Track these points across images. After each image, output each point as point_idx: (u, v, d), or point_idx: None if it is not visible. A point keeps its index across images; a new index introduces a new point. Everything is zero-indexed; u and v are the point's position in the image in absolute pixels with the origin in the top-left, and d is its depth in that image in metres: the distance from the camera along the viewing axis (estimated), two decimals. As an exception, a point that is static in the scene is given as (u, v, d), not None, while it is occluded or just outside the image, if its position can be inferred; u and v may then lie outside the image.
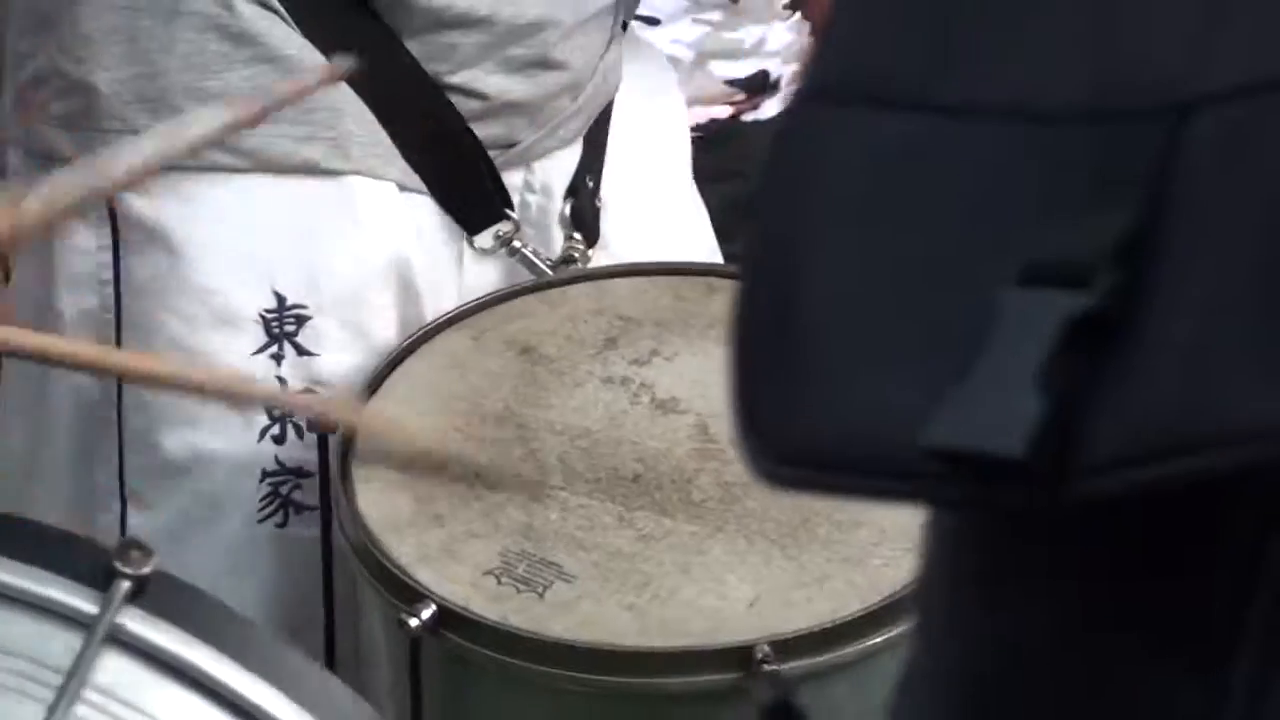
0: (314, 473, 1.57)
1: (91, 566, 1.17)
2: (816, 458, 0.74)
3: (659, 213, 1.78)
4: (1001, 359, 0.69)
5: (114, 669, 1.16)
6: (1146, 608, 0.75)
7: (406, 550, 1.43)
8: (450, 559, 1.43)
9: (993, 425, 0.68)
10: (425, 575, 1.40)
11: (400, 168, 1.61)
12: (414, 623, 1.37)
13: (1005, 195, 0.73)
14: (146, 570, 1.14)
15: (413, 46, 1.58)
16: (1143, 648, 0.75)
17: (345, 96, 1.58)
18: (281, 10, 1.56)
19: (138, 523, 1.63)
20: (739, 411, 0.76)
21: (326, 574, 1.57)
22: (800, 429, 0.75)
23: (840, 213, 0.77)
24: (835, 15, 0.82)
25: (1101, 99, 0.72)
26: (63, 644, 1.16)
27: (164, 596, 1.17)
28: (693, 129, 2.09)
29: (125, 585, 1.14)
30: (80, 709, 1.14)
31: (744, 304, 0.77)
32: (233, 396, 1.59)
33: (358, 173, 1.60)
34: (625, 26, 1.78)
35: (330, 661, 1.58)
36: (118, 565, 1.14)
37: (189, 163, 1.55)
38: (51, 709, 1.12)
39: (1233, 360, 0.67)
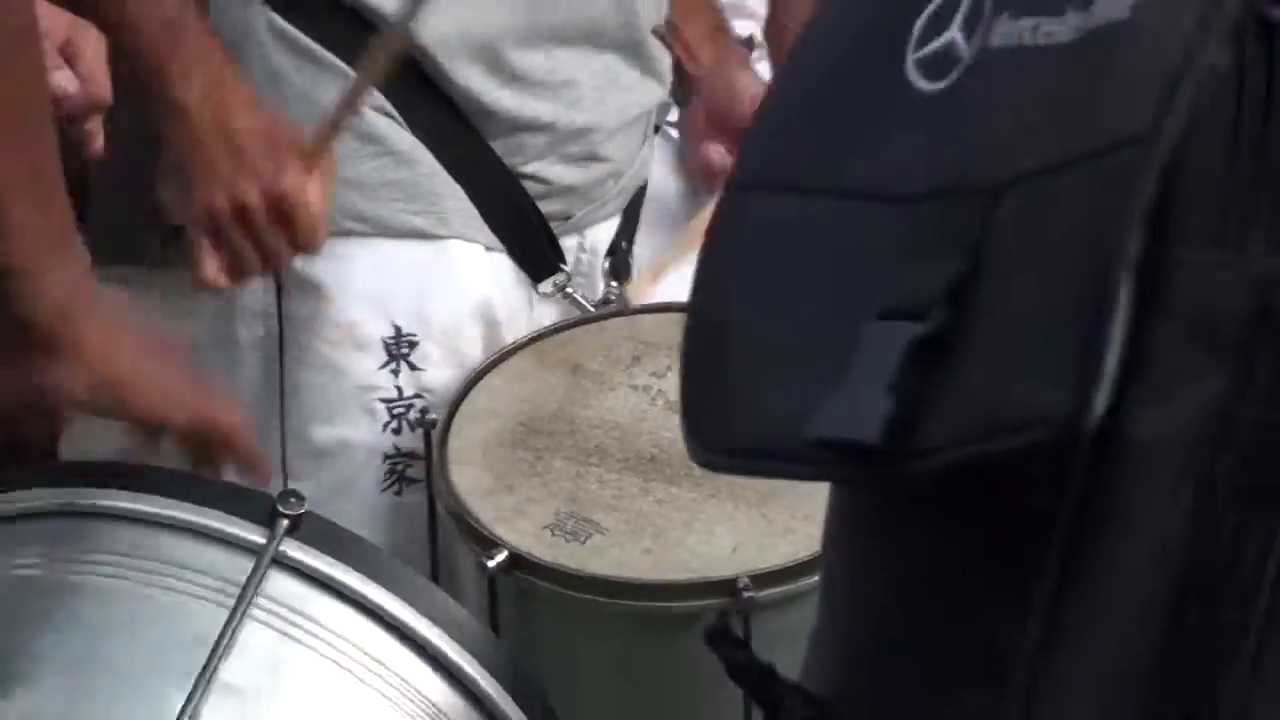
0: (422, 456, 1.78)
1: (259, 508, 1.29)
2: (737, 447, 0.84)
3: (678, 266, 1.91)
4: (864, 372, 0.76)
5: (278, 584, 1.29)
6: (978, 550, 0.81)
7: (486, 512, 1.65)
8: (518, 517, 1.66)
9: (856, 420, 0.75)
10: (500, 530, 1.63)
11: (486, 234, 1.82)
12: (491, 564, 1.60)
13: (871, 254, 0.80)
14: (301, 511, 1.28)
15: (495, 145, 1.79)
16: (975, 580, 0.81)
17: (446, 181, 1.77)
18: (399, 117, 1.74)
19: None
20: (684, 414, 0.85)
21: (431, 532, 1.76)
22: (725, 427, 0.84)
23: (754, 269, 0.85)
24: (753, 122, 0.91)
25: (941, 183, 0.79)
26: (239, 565, 1.28)
27: (314, 531, 1.30)
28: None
29: (285, 522, 1.28)
30: (255, 612, 1.27)
31: (687, 338, 0.86)
32: None
33: (455, 237, 1.81)
34: (658, 130, 1.95)
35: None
36: (279, 508, 1.28)
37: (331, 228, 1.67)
38: (233, 612, 1.26)
39: (1025, 371, 0.73)
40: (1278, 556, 0.75)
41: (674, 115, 2.07)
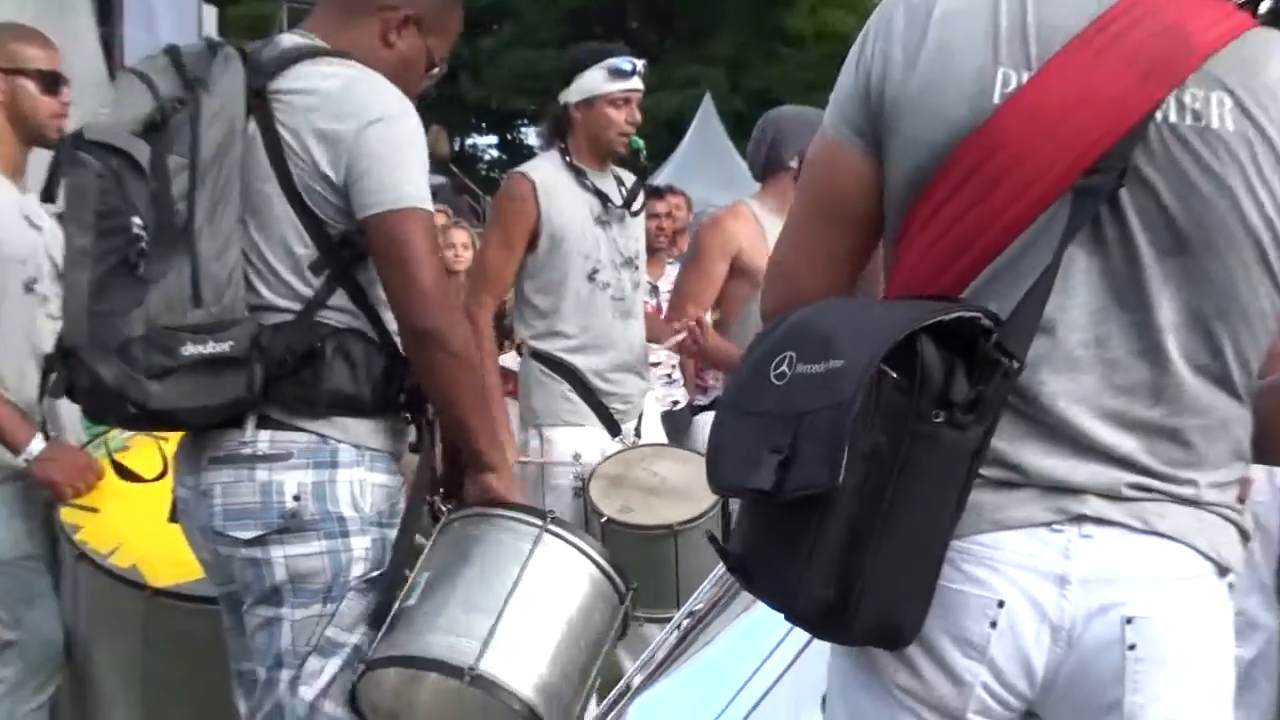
0: (582, 487, 4.55)
1: (539, 513, 2.88)
2: (723, 486, 1.83)
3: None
4: (764, 466, 1.65)
5: (553, 543, 2.80)
6: (785, 520, 1.67)
7: (601, 504, 4.43)
8: (609, 505, 4.42)
9: (763, 479, 1.65)
10: (605, 509, 4.39)
11: (598, 424, 4.76)
12: (601, 521, 4.36)
13: (763, 430, 1.63)
14: (554, 513, 2.89)
15: (602, 400, 4.75)
16: (784, 531, 1.65)
17: (586, 408, 4.69)
18: (573, 389, 4.67)
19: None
20: (707, 474, 1.79)
21: (584, 512, 4.46)
22: (717, 479, 1.81)
23: (725, 435, 1.77)
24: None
25: (782, 411, 1.61)
26: (535, 532, 2.79)
27: (557, 520, 2.87)
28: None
29: (549, 517, 2.87)
30: (540, 544, 2.79)
31: (707, 453, 1.81)
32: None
33: (589, 425, 4.77)
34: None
35: (586, 544, 3.16)
36: (548, 512, 2.90)
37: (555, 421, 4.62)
38: (534, 544, 2.77)
39: (816, 468, 1.62)
40: (883, 509, 1.56)
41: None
